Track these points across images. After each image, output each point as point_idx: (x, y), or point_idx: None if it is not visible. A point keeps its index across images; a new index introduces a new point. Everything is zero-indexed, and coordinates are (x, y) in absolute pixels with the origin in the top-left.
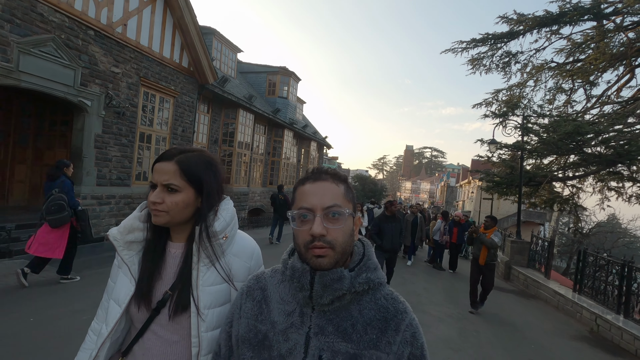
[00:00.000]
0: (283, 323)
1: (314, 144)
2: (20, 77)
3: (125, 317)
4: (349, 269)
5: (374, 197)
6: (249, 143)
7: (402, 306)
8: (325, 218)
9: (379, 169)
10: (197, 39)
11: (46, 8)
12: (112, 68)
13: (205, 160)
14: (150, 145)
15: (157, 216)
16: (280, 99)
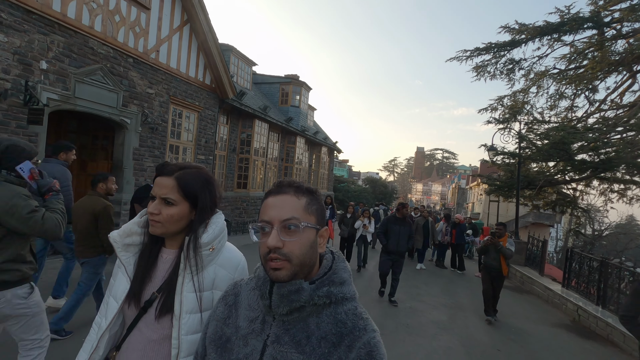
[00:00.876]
0: (245, 328)
1: (324, 149)
2: (76, 102)
3: (122, 313)
4: (311, 282)
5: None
6: (264, 150)
7: (363, 323)
8: (283, 231)
9: (390, 171)
10: (219, 59)
11: (96, 42)
12: (147, 89)
13: (202, 178)
14: (178, 156)
15: (153, 227)
16: (293, 107)
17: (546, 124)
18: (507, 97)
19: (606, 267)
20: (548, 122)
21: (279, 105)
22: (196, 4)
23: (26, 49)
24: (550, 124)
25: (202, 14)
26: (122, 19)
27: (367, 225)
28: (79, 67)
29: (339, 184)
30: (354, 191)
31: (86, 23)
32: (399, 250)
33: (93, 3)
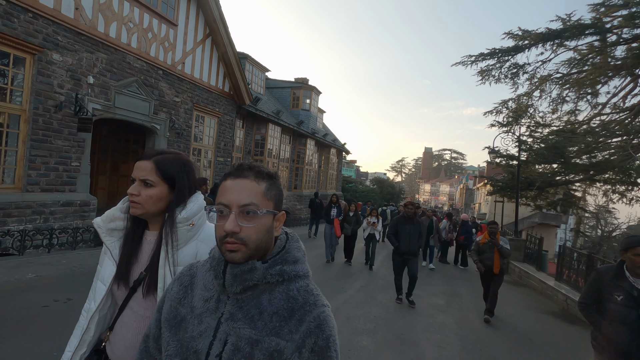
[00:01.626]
0: (200, 308)
1: (333, 150)
2: (116, 112)
3: (111, 296)
4: (264, 261)
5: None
6: (276, 152)
7: (313, 299)
8: (240, 215)
9: (398, 172)
10: (237, 68)
11: (132, 57)
12: (174, 98)
13: (179, 161)
14: (200, 158)
15: (134, 207)
16: (304, 111)
17: (547, 128)
18: (511, 100)
19: (592, 260)
20: (549, 125)
21: (290, 109)
22: (217, 19)
23: (76, 66)
24: (551, 127)
25: (223, 28)
26: (154, 35)
27: (375, 223)
28: (118, 80)
29: (347, 184)
30: (361, 191)
31: (124, 41)
32: (411, 249)
33: (130, 23)
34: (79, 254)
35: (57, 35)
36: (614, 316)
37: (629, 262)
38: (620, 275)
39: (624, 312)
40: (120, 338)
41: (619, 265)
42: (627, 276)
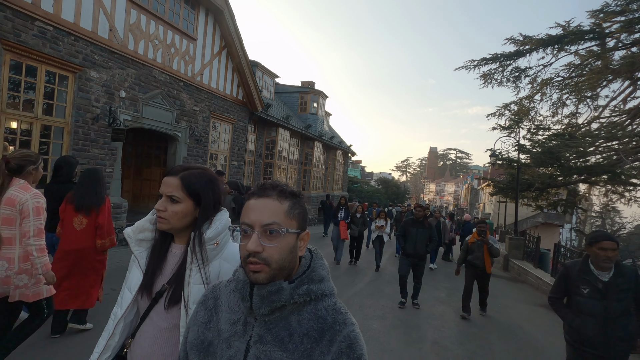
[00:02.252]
0: (228, 331)
1: (339, 152)
2: (143, 122)
3: (136, 303)
4: (290, 281)
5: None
6: (286, 155)
7: (342, 318)
8: (263, 235)
9: (403, 171)
10: (250, 77)
11: (157, 71)
12: (193, 107)
13: (205, 178)
14: (217, 163)
15: (160, 222)
16: (311, 115)
17: (548, 131)
18: (513, 103)
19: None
20: (549, 128)
21: (298, 113)
22: (232, 32)
23: (110, 82)
24: (551, 130)
25: (237, 40)
26: (176, 50)
27: (383, 226)
28: (145, 93)
29: (352, 185)
30: (367, 192)
31: (150, 57)
32: (417, 253)
33: (156, 40)
34: (116, 251)
35: (95, 55)
36: (581, 309)
37: (594, 255)
38: (586, 269)
39: (590, 305)
40: (138, 346)
41: (585, 260)
42: (592, 269)
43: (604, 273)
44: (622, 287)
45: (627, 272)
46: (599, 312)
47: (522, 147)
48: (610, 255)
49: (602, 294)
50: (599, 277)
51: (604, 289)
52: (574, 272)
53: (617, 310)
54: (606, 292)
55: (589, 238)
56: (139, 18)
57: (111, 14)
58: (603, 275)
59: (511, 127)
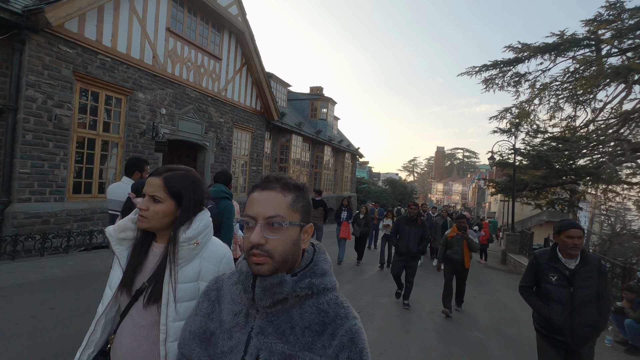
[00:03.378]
0: (230, 322)
1: (348, 155)
2: (179, 134)
3: (117, 301)
4: (293, 274)
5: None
6: (298, 159)
7: (344, 312)
8: (266, 227)
9: (410, 171)
10: (267, 90)
11: (190, 89)
12: (219, 119)
13: (187, 179)
14: (238, 168)
15: (140, 221)
16: (321, 120)
17: (545, 134)
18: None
19: None
20: (546, 132)
21: (309, 119)
22: (252, 51)
23: (153, 101)
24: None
25: (256, 58)
26: (205, 69)
27: (390, 225)
28: (180, 109)
29: (360, 186)
30: (374, 192)
31: (184, 77)
32: (410, 251)
33: (189, 62)
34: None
35: (141, 79)
36: (550, 296)
37: (562, 243)
38: (554, 257)
39: (557, 292)
40: (119, 343)
41: (553, 248)
42: (560, 257)
43: (571, 261)
44: (587, 275)
45: (592, 260)
46: (565, 299)
47: (517, 151)
48: (576, 243)
49: (569, 281)
50: (566, 264)
51: (571, 276)
52: (542, 261)
53: (582, 297)
54: (573, 280)
55: (557, 226)
56: (175, 44)
57: (154, 42)
58: (570, 263)
59: (510, 131)
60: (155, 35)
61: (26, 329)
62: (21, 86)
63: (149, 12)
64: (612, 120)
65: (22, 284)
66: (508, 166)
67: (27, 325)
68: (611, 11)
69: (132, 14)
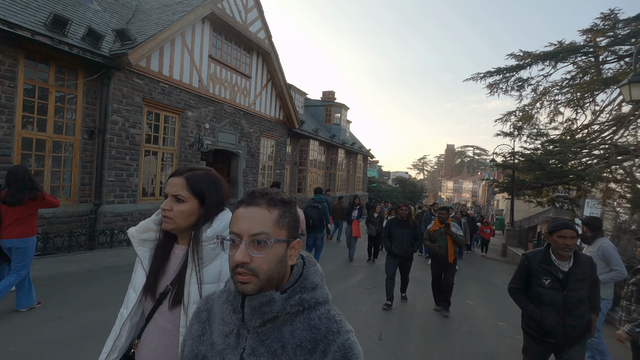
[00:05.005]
0: (221, 344)
1: (360, 156)
2: (218, 144)
3: (141, 304)
4: (282, 291)
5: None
6: (315, 162)
7: (336, 326)
8: (251, 245)
9: (420, 169)
10: (289, 101)
11: (226, 105)
12: (249, 129)
13: (209, 178)
14: (265, 172)
15: (165, 222)
16: (335, 125)
17: (544, 137)
18: (518, 110)
19: None
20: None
21: (324, 124)
22: (276, 68)
23: (198, 117)
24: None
25: (280, 74)
26: (238, 87)
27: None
28: (219, 123)
29: (370, 184)
30: (384, 191)
31: (222, 95)
32: (404, 253)
33: (225, 82)
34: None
35: (190, 100)
36: (542, 299)
37: (554, 244)
38: (547, 259)
39: (551, 295)
40: (144, 347)
41: (546, 250)
42: (553, 260)
43: (564, 263)
44: (580, 277)
45: (584, 261)
46: (559, 303)
47: (516, 154)
48: (569, 244)
49: (562, 284)
50: (559, 267)
51: (564, 279)
52: (535, 263)
53: (574, 300)
54: (566, 282)
55: (550, 226)
56: (215, 68)
57: (199, 68)
58: (564, 265)
59: (512, 134)
60: (200, 62)
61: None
62: (108, 112)
63: (195, 43)
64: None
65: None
66: (508, 168)
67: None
68: (606, 22)
69: (184, 46)
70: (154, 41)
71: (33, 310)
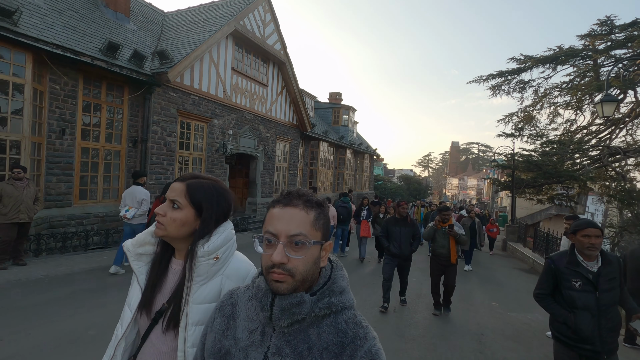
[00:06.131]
0: (245, 340)
1: (366, 156)
2: (239, 148)
3: (136, 322)
4: (312, 293)
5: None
6: (324, 162)
7: (363, 332)
8: (288, 246)
9: (424, 167)
10: (302, 106)
11: (246, 112)
12: (266, 134)
13: (212, 189)
14: (279, 173)
15: (157, 228)
16: (343, 127)
17: (543, 137)
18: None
19: (548, 236)
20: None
21: (332, 125)
22: (291, 76)
23: (223, 125)
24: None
25: (294, 81)
26: (257, 96)
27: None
28: (240, 129)
29: (376, 182)
30: (390, 189)
31: (243, 104)
32: (403, 253)
33: (246, 92)
34: None
35: (216, 109)
36: (575, 303)
37: (579, 244)
38: (574, 260)
39: (584, 298)
40: None
41: (572, 251)
42: (581, 261)
43: (592, 263)
44: (610, 276)
45: (613, 260)
46: (592, 305)
47: (515, 155)
48: (594, 242)
49: (594, 286)
50: (589, 268)
51: (595, 279)
52: (561, 265)
53: (608, 301)
54: (597, 283)
55: (573, 226)
56: (237, 79)
57: (224, 80)
58: (592, 265)
59: (513, 135)
60: (225, 75)
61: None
62: (149, 124)
63: (220, 58)
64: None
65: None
66: (508, 168)
67: None
68: (603, 27)
69: (211, 62)
70: (188, 59)
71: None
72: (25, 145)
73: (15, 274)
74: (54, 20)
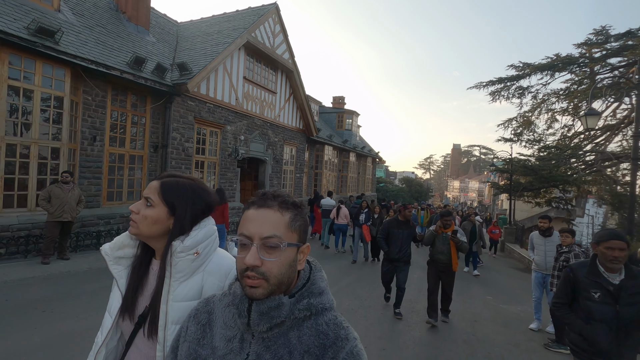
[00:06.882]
0: (223, 349)
1: (369, 159)
2: (250, 153)
3: (119, 328)
4: (290, 295)
5: (420, 197)
6: (329, 165)
7: (344, 333)
8: (262, 248)
9: (426, 169)
10: (308, 112)
11: (257, 119)
12: (274, 138)
13: (188, 187)
14: (286, 176)
15: (130, 226)
16: (347, 131)
17: (540, 142)
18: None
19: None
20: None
21: (336, 129)
22: (298, 84)
23: (235, 130)
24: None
25: (301, 89)
26: (267, 103)
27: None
28: (251, 134)
29: (378, 184)
30: (391, 191)
31: (253, 110)
32: (402, 257)
33: (256, 99)
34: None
35: (229, 116)
36: (592, 315)
37: (601, 255)
38: (594, 271)
39: (602, 310)
40: None
41: (593, 261)
42: (602, 272)
43: (614, 275)
44: (634, 291)
45: (637, 275)
46: (611, 318)
47: (513, 160)
48: (617, 255)
49: (614, 298)
50: (610, 279)
51: (616, 292)
52: (581, 275)
53: (629, 316)
54: (618, 296)
55: (596, 237)
56: (248, 87)
57: (236, 88)
58: (614, 277)
59: (512, 140)
60: (237, 83)
61: None
62: (169, 130)
63: (233, 68)
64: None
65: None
66: (506, 172)
67: None
68: (599, 37)
69: (225, 72)
70: (205, 71)
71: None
72: (64, 151)
73: (64, 267)
74: (87, 37)
